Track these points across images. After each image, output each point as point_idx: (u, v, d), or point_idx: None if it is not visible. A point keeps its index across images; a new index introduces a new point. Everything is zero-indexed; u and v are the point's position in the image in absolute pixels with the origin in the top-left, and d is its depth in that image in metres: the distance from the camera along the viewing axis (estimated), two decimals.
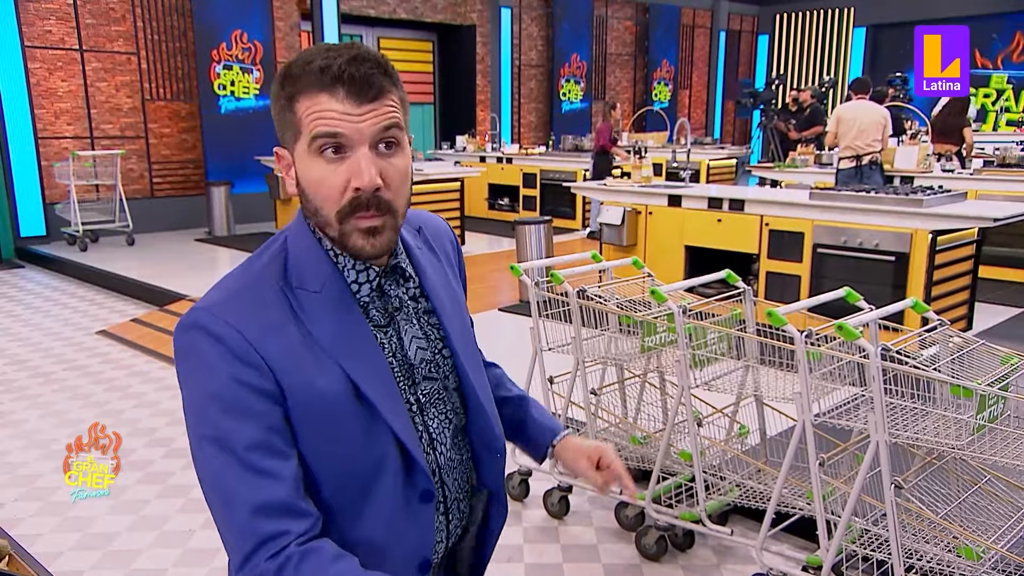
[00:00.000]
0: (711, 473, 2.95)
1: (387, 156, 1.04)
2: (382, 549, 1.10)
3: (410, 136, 1.09)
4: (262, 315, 1.04)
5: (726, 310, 3.00)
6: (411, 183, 1.09)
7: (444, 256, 1.23)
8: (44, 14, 8.87)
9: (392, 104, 1.04)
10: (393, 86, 1.06)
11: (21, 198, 8.69)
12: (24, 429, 4.12)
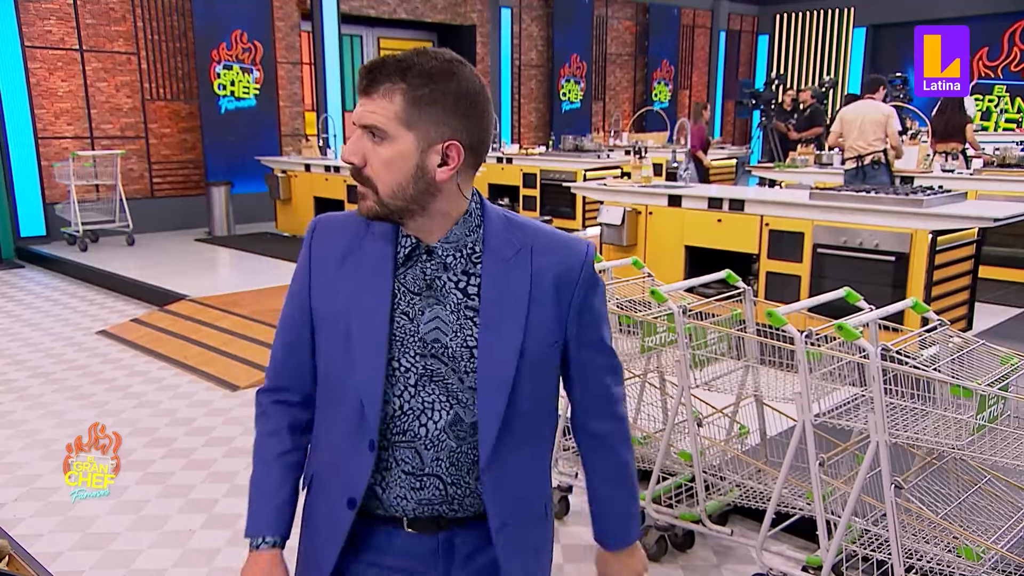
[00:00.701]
0: (711, 473, 2.95)
1: (374, 144, 1.20)
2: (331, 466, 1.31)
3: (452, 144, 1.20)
4: (337, 238, 1.31)
5: (726, 310, 3.00)
6: (410, 178, 1.19)
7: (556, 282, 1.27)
8: (44, 14, 8.87)
9: (383, 106, 1.17)
10: (399, 87, 1.16)
11: (21, 198, 8.69)
12: (24, 429, 4.13)
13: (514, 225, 1.29)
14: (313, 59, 10.95)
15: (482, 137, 1.23)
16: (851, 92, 13.99)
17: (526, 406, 1.26)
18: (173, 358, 5.22)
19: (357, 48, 12.40)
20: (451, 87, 1.17)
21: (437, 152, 1.19)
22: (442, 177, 1.20)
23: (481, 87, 1.22)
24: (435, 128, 1.18)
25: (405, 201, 1.20)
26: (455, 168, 1.21)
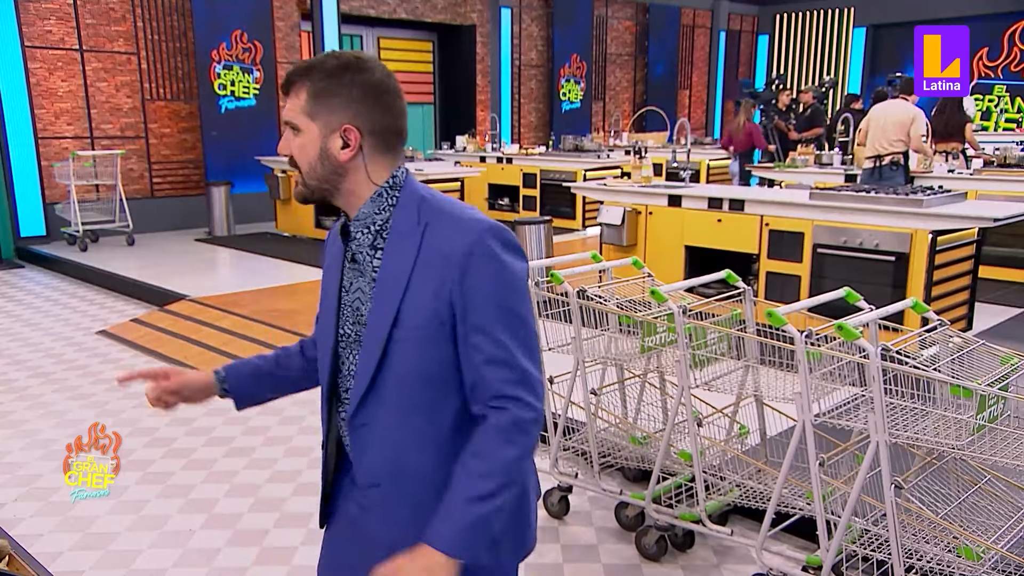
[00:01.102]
0: (711, 473, 2.95)
1: (293, 135, 1.38)
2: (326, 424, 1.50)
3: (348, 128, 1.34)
4: (333, 236, 1.48)
5: (726, 310, 3.00)
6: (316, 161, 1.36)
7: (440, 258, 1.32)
8: (44, 14, 8.87)
9: (295, 100, 1.36)
10: (301, 86, 1.35)
11: (21, 198, 8.69)
12: (24, 429, 4.13)
13: (426, 204, 1.37)
14: None
15: (386, 123, 1.37)
16: (851, 92, 13.99)
17: (400, 373, 1.34)
18: (173, 358, 5.22)
19: (357, 48, 12.41)
20: (349, 80, 1.33)
21: (338, 136, 1.34)
22: (344, 158, 1.35)
23: (383, 80, 1.36)
24: (334, 116, 1.34)
25: (318, 181, 1.37)
26: (355, 150, 1.35)
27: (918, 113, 6.82)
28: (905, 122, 6.77)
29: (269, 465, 3.71)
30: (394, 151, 1.39)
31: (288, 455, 3.82)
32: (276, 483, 3.53)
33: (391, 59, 12.84)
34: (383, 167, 1.38)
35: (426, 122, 13.64)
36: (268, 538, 3.08)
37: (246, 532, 3.13)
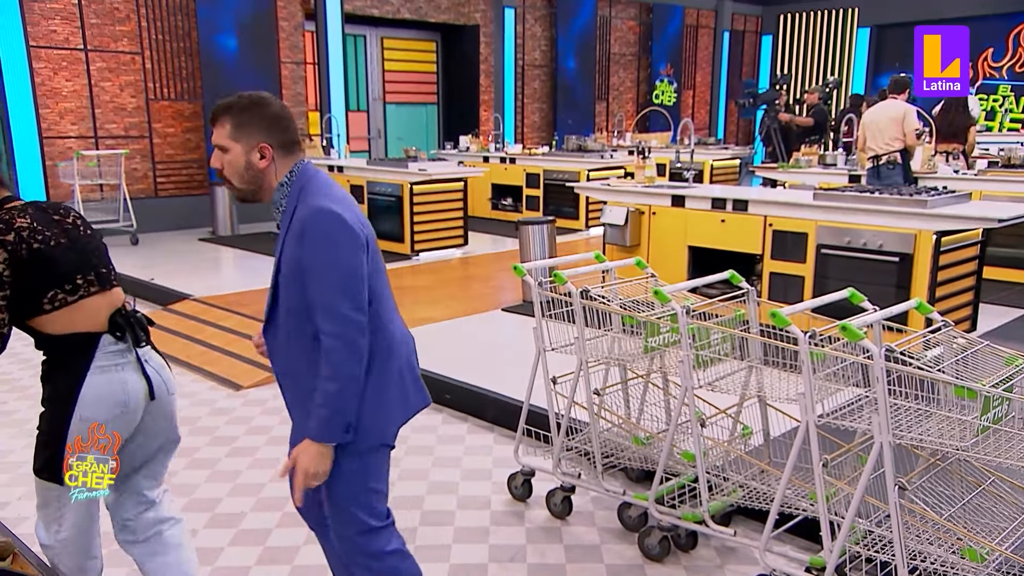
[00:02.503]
0: (714, 474, 2.94)
1: (222, 154, 1.99)
2: None
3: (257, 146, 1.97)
4: None
5: (730, 311, 2.99)
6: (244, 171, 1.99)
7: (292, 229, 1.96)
8: (49, 14, 8.89)
9: (220, 129, 1.97)
10: (224, 119, 1.97)
11: (25, 197, 8.69)
12: (27, 428, 4.13)
13: (302, 192, 1.98)
14: (317, 59, 10.96)
15: (286, 138, 2.00)
16: (855, 92, 13.97)
17: (283, 307, 1.99)
18: (177, 357, 5.23)
19: (361, 48, 12.42)
20: (257, 113, 1.97)
21: (256, 152, 1.98)
22: (262, 166, 1.99)
23: (280, 110, 2.01)
24: (252, 138, 1.96)
25: (246, 184, 2.01)
26: (269, 159, 1.99)
27: (909, 108, 6.87)
28: (897, 119, 6.81)
29: (271, 464, 3.71)
30: (293, 154, 2.02)
31: None
32: (278, 483, 3.53)
33: (394, 59, 12.85)
34: (285, 167, 2.02)
35: (429, 122, 13.64)
36: (271, 538, 3.09)
37: (248, 532, 3.13)
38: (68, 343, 2.10)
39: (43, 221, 2.13)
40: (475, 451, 3.89)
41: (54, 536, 2.23)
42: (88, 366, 2.09)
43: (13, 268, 2.01)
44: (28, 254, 2.03)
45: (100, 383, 2.10)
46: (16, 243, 2.02)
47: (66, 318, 2.08)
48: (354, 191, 8.76)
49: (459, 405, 4.39)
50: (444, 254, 8.48)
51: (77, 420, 2.09)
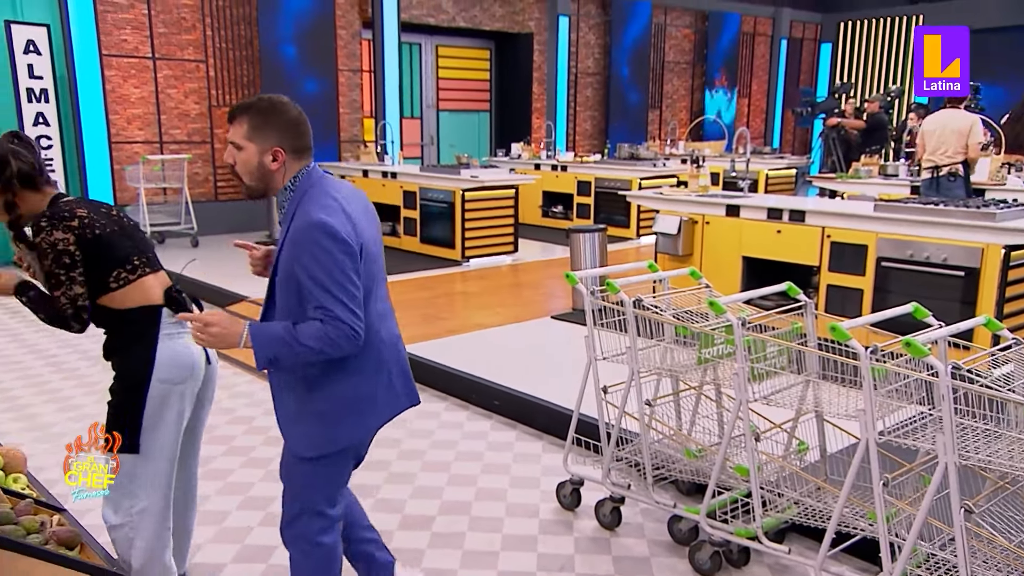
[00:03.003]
0: (768, 489, 2.89)
1: (236, 152, 2.07)
2: None
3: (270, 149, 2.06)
4: None
5: (786, 323, 2.94)
6: (255, 170, 2.07)
7: (290, 236, 2.02)
8: (121, 24, 9.24)
9: (238, 127, 2.05)
10: (242, 119, 2.05)
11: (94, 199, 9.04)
12: (90, 419, 4.27)
13: (304, 198, 2.05)
14: (373, 67, 11.14)
15: (300, 144, 2.09)
16: (917, 101, 13.58)
17: (280, 307, 2.06)
18: (235, 359, 5.36)
19: (416, 56, 12.58)
20: (275, 117, 2.05)
21: (269, 154, 2.05)
22: (274, 168, 2.07)
23: (297, 116, 2.08)
24: (266, 141, 2.04)
25: (255, 182, 2.08)
26: (281, 163, 2.07)
27: (975, 120, 6.64)
28: (963, 131, 6.58)
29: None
30: (302, 160, 2.10)
31: None
32: None
33: (449, 66, 12.98)
34: (293, 171, 2.10)
35: (481, 129, 13.73)
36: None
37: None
38: (136, 316, 2.32)
39: (96, 212, 2.34)
40: (524, 458, 3.89)
41: (127, 512, 2.33)
42: (158, 334, 2.32)
43: (82, 249, 2.23)
44: (92, 237, 2.26)
45: (171, 348, 2.34)
46: (80, 228, 2.24)
47: (130, 294, 2.31)
48: (406, 197, 8.87)
49: (508, 412, 4.40)
50: (494, 261, 8.51)
51: (156, 383, 2.31)
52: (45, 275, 2.25)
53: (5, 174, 2.25)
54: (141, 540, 2.36)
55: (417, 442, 4.08)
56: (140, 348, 2.31)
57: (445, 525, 3.24)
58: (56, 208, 2.27)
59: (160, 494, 2.38)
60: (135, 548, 2.36)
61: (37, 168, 2.31)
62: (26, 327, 6.10)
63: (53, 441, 4.06)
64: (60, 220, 2.22)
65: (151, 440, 2.33)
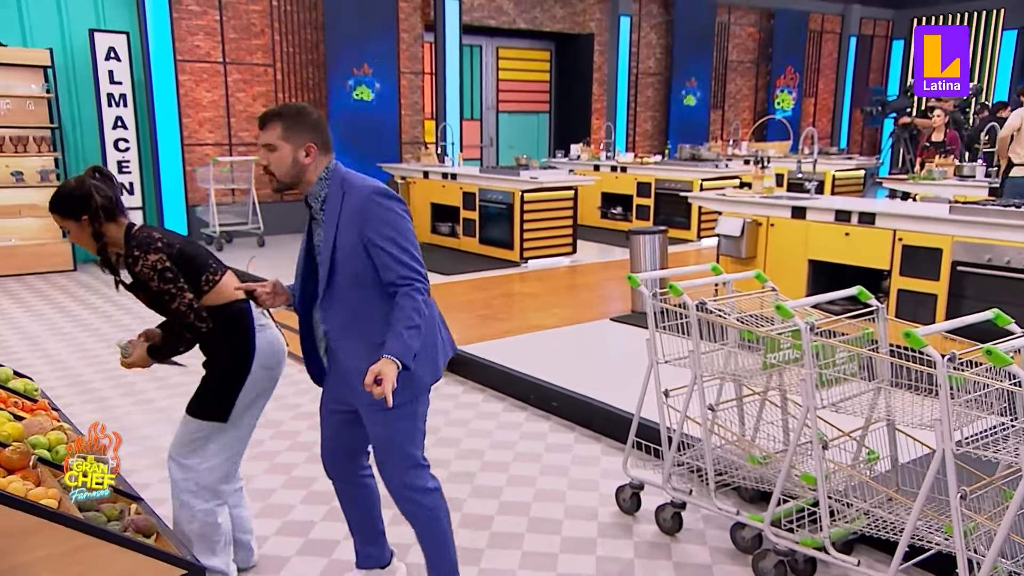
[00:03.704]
0: (836, 499, 2.81)
1: (270, 153, 2.31)
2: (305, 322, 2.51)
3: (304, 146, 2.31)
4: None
5: (855, 328, 2.85)
6: (291, 166, 2.31)
7: (349, 208, 2.28)
8: (194, 30, 9.57)
9: (271, 132, 2.30)
10: (275, 124, 2.30)
11: (167, 200, 9.38)
12: (158, 408, 4.44)
13: (345, 182, 2.32)
14: (434, 69, 11.26)
15: (323, 139, 2.34)
16: (998, 100, 13.01)
17: (342, 279, 2.31)
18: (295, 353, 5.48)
19: (477, 58, 12.66)
20: (303, 119, 2.31)
21: (302, 150, 2.30)
22: (307, 163, 2.32)
23: (318, 116, 2.35)
24: (299, 139, 2.29)
25: (289, 178, 2.33)
26: (313, 157, 2.32)
27: None
28: None
29: None
30: (328, 154, 2.36)
31: None
32: None
33: (508, 67, 13.03)
34: (323, 164, 2.35)
35: (540, 131, 13.74)
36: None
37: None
38: (229, 311, 2.57)
39: (164, 232, 2.60)
40: (582, 461, 3.88)
41: (196, 467, 2.59)
42: (254, 326, 2.60)
43: (173, 263, 2.47)
44: (177, 252, 2.51)
45: (266, 338, 2.64)
46: (165, 247, 2.49)
47: (220, 293, 2.57)
48: (466, 198, 8.94)
49: (566, 414, 4.39)
50: (552, 262, 8.50)
51: (257, 368, 2.59)
52: (157, 296, 2.46)
53: (90, 207, 2.43)
54: (205, 490, 2.59)
55: (476, 441, 4.10)
56: (239, 338, 2.57)
57: (504, 525, 3.25)
58: (136, 238, 2.48)
59: (230, 456, 2.65)
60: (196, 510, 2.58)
61: (115, 201, 2.50)
62: (107, 323, 6.37)
63: (128, 432, 4.22)
64: (147, 245, 2.46)
65: (238, 416, 2.59)
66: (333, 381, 2.52)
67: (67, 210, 2.45)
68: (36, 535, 1.87)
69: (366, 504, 2.68)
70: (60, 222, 2.50)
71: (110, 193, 2.49)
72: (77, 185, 2.45)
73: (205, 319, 2.49)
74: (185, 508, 2.59)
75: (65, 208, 2.45)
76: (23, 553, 1.87)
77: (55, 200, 2.46)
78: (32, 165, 8.51)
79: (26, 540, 1.86)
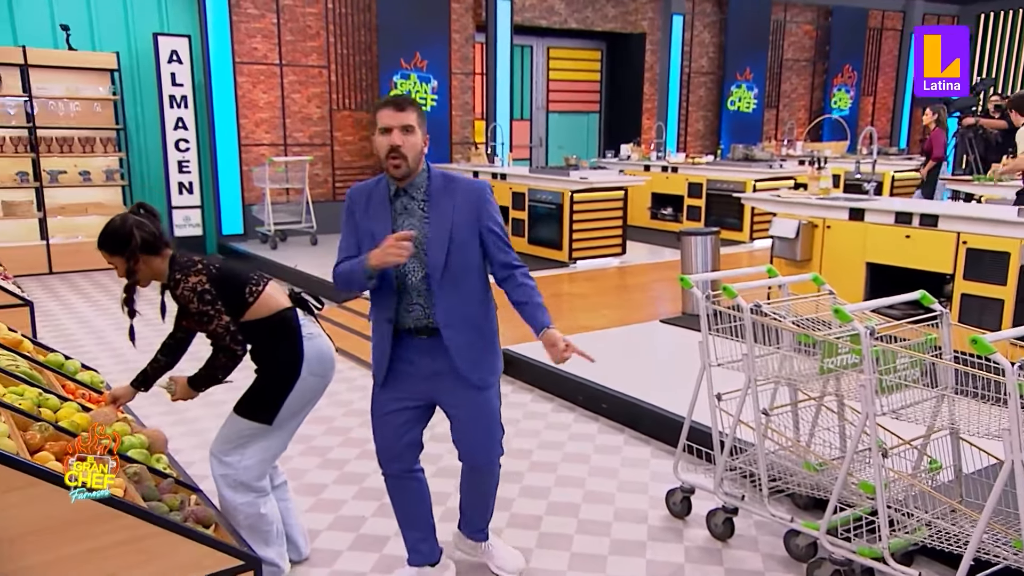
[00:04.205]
0: (896, 508, 2.73)
1: (406, 135, 2.39)
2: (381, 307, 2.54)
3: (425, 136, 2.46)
4: (361, 195, 2.56)
5: (916, 334, 2.77)
6: (419, 152, 2.44)
7: (465, 200, 2.47)
8: (253, 32, 9.79)
9: (411, 115, 2.40)
10: (413, 109, 2.41)
11: (224, 200, 9.63)
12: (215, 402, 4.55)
13: (445, 176, 2.52)
14: (485, 69, 11.31)
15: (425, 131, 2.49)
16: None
17: (455, 265, 2.44)
18: (352, 353, 5.58)
19: (527, 58, 12.68)
20: (422, 110, 2.44)
21: (425, 140, 2.45)
22: (424, 151, 2.46)
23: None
24: (424, 128, 2.45)
25: (415, 163, 2.43)
26: (427, 145, 2.47)
27: None
28: None
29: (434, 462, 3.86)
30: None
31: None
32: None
33: (559, 68, 13.01)
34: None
35: (590, 131, 13.68)
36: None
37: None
38: (276, 321, 2.63)
39: (205, 256, 2.69)
40: (632, 463, 3.85)
41: (235, 464, 2.65)
42: (301, 334, 2.65)
43: (213, 284, 2.55)
44: (216, 271, 2.59)
45: (314, 346, 2.67)
46: (205, 268, 2.58)
47: (264, 304, 2.63)
48: (515, 198, 8.96)
49: (615, 415, 4.36)
50: (601, 263, 8.46)
51: (306, 376, 2.64)
52: (197, 318, 2.56)
53: (130, 246, 2.53)
54: (245, 482, 2.65)
55: (524, 441, 4.11)
56: (288, 346, 2.63)
57: (553, 526, 3.25)
58: (177, 263, 2.58)
59: (268, 457, 2.71)
60: (236, 503, 2.64)
61: (158, 235, 2.59)
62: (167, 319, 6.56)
63: (188, 424, 4.35)
64: (188, 268, 2.55)
65: (283, 420, 2.65)
66: (413, 374, 2.56)
67: (111, 247, 2.56)
68: (105, 522, 1.94)
69: (420, 498, 2.72)
70: (107, 258, 2.61)
71: (153, 228, 2.58)
72: (121, 223, 2.55)
73: (241, 342, 2.55)
74: (227, 503, 2.65)
75: (110, 245, 2.56)
76: (93, 539, 1.94)
77: (101, 238, 2.58)
78: (99, 165, 8.83)
79: (96, 526, 1.94)
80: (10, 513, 1.81)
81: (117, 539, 1.96)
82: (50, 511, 1.88)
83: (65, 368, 3.33)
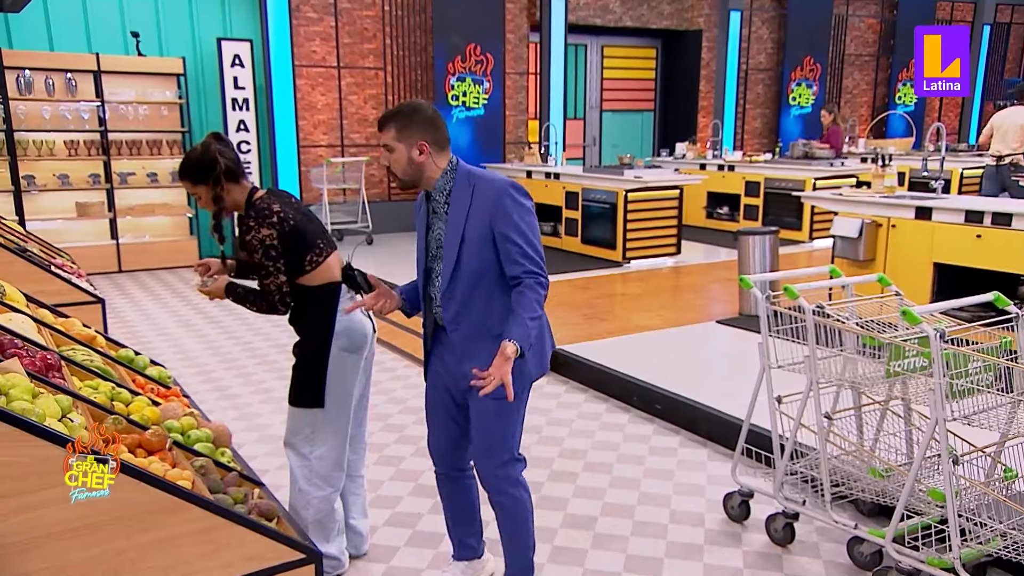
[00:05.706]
0: (967, 517, 2.63)
1: (388, 153, 2.38)
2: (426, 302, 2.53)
3: (418, 144, 2.36)
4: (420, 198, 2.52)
5: (989, 337, 2.66)
6: (407, 165, 2.38)
7: (480, 200, 2.35)
8: (312, 36, 9.99)
9: (387, 133, 2.37)
10: (390, 126, 2.37)
11: None
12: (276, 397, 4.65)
13: (472, 175, 2.40)
14: (539, 68, 11.31)
15: (437, 136, 2.39)
16: None
17: (469, 269, 2.37)
18: (403, 349, 5.64)
19: (581, 57, 12.63)
20: (416, 118, 2.36)
21: (416, 149, 2.36)
22: (421, 160, 2.37)
23: (433, 114, 2.40)
24: (411, 138, 2.35)
25: (407, 176, 2.39)
26: (427, 154, 2.37)
27: None
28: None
29: None
30: (446, 149, 2.41)
31: None
32: None
33: (614, 66, 12.92)
34: (443, 159, 2.41)
35: (645, 129, 13.55)
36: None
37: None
38: (323, 292, 2.65)
39: (286, 204, 2.65)
40: (688, 466, 3.80)
41: (309, 455, 2.71)
42: (336, 307, 2.65)
43: (281, 241, 2.55)
44: (289, 229, 2.57)
45: (347, 319, 2.67)
46: (280, 223, 2.56)
47: (319, 274, 2.65)
48: (568, 198, 8.93)
49: (671, 417, 4.32)
50: (656, 263, 8.38)
51: (336, 351, 2.65)
52: (255, 267, 2.57)
53: (215, 172, 2.57)
54: (318, 477, 2.70)
55: (578, 441, 4.10)
56: (321, 318, 2.64)
57: (608, 527, 3.23)
58: (256, 207, 2.57)
59: (338, 441, 2.74)
60: (311, 497, 2.70)
61: (237, 162, 2.63)
62: (229, 316, 6.76)
63: (250, 420, 4.46)
64: (264, 218, 2.54)
65: (334, 401, 2.67)
66: (444, 372, 2.55)
67: (196, 175, 2.57)
68: (174, 514, 2.01)
69: (468, 496, 2.73)
70: (190, 189, 2.62)
71: (232, 155, 2.62)
72: (203, 151, 2.57)
73: (288, 305, 2.60)
74: (302, 495, 2.71)
75: (194, 174, 2.58)
76: (162, 529, 2.00)
77: (185, 166, 2.59)
78: (165, 167, 9.13)
79: (165, 517, 2.00)
80: (91, 501, 1.89)
81: (188, 530, 2.03)
82: (126, 500, 1.95)
83: (135, 363, 3.45)
